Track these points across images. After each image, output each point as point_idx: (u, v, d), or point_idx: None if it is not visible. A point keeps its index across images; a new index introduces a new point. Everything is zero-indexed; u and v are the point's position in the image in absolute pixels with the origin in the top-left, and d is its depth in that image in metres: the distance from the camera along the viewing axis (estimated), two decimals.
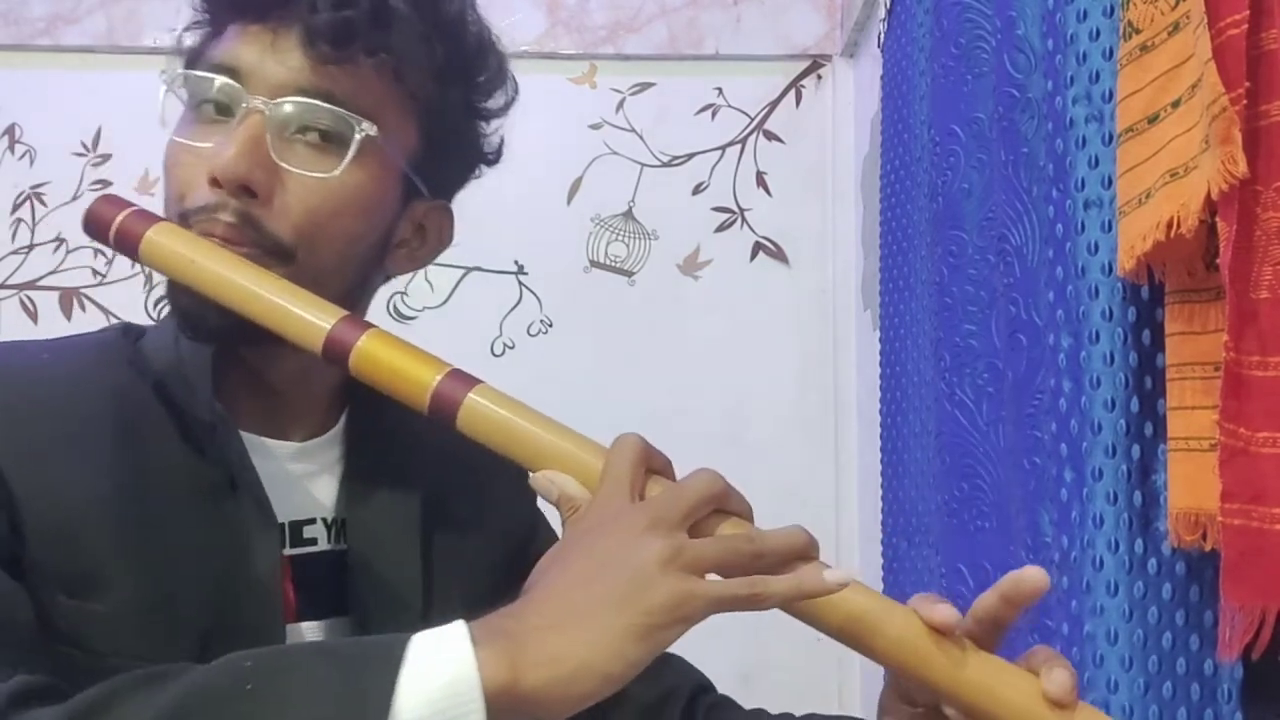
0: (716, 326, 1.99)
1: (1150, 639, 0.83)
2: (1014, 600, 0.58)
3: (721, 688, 0.82)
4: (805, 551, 0.59)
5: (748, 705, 0.81)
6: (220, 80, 0.67)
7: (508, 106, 0.80)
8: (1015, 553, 1.05)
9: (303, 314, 0.64)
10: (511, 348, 1.97)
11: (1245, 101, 0.68)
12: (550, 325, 1.98)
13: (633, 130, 2.00)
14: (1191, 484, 0.77)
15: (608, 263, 2.00)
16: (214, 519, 0.67)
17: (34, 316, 1.94)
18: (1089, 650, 0.85)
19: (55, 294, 1.95)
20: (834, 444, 1.97)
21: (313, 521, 0.73)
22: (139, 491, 0.64)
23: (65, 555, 0.61)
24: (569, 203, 1.99)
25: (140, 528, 0.64)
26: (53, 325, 1.93)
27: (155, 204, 0.71)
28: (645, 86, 2.01)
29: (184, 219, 0.67)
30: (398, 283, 2.01)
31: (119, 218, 0.67)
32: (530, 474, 0.61)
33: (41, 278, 1.95)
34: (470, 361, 0.66)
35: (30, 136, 1.95)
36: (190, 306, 0.66)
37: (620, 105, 2.01)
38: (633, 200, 2.00)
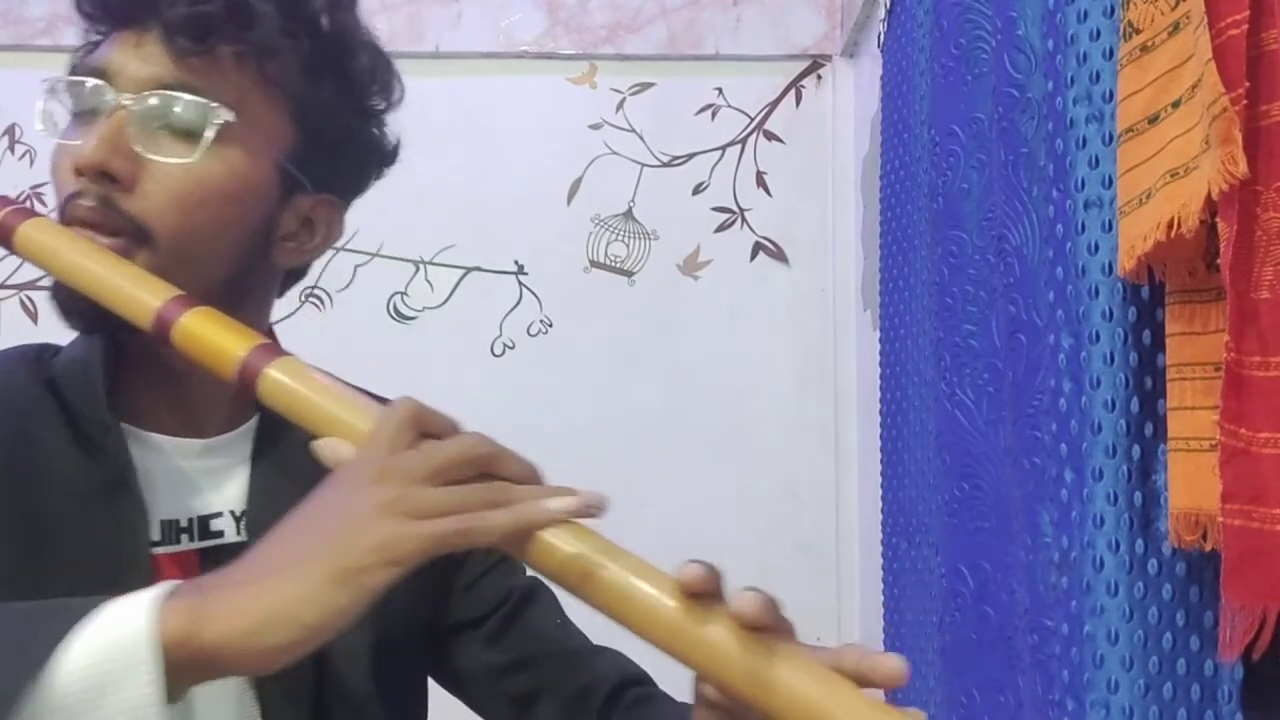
0: (716, 326, 1.98)
1: (1151, 639, 0.83)
2: (862, 678, 0.54)
3: None
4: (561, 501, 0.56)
5: None
6: (90, 82, 0.71)
7: (391, 106, 0.80)
8: (1015, 553, 1.05)
9: (137, 292, 0.66)
10: (511, 348, 1.97)
11: (1245, 101, 0.68)
12: (550, 325, 1.98)
13: (633, 130, 2.00)
14: (1192, 484, 0.77)
15: (608, 263, 2.00)
16: (102, 518, 0.69)
17: (34, 317, 1.94)
18: (1089, 650, 0.85)
19: None
20: (834, 444, 1.97)
21: (220, 515, 0.75)
22: (23, 492, 0.67)
23: None
24: (569, 203, 1.99)
25: (21, 526, 0.66)
26: (53, 325, 1.92)
27: None
28: (645, 86, 2.01)
29: (60, 213, 0.71)
30: (398, 283, 2.03)
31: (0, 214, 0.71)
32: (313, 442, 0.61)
33: (41, 278, 1.93)
34: (470, 361, 0.66)
35: (30, 136, 1.95)
36: (63, 297, 0.71)
37: (620, 105, 2.01)
38: (633, 200, 2.00)
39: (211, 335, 0.65)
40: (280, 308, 0.82)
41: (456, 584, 0.82)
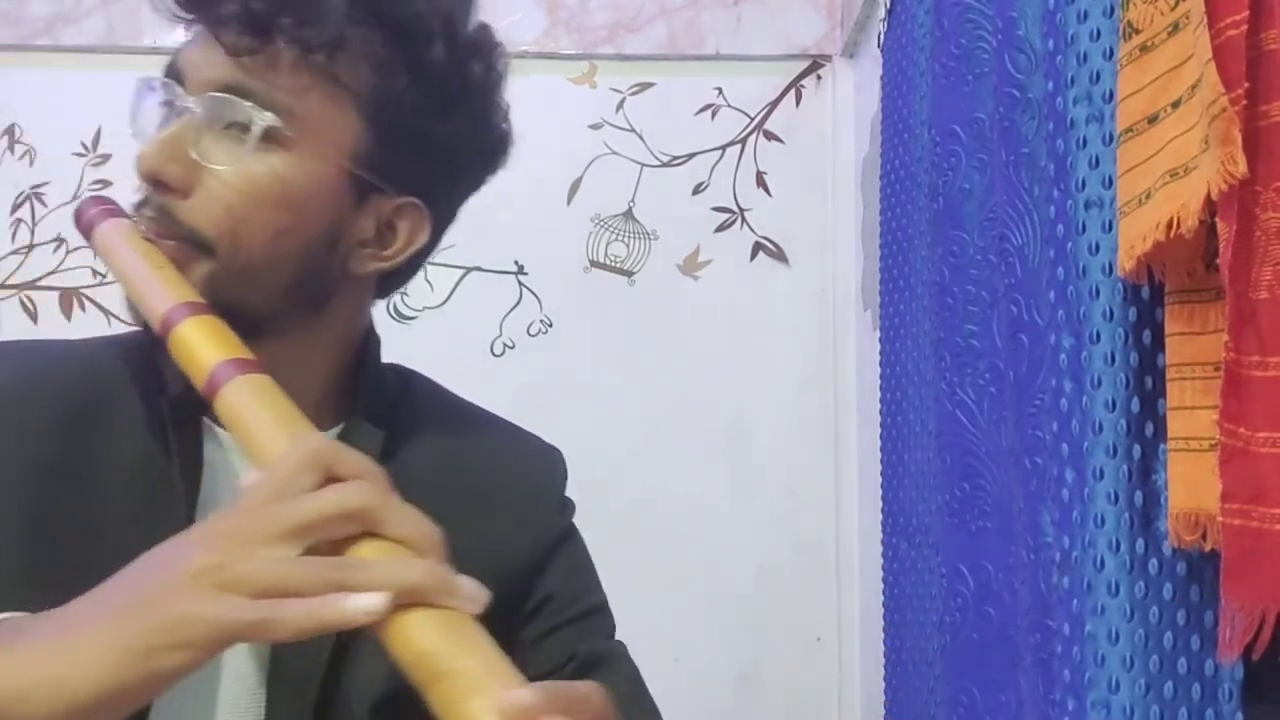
0: (716, 326, 1.99)
1: (1151, 639, 0.83)
2: None
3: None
4: (416, 591, 0.48)
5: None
6: (165, 83, 0.69)
7: (484, 97, 0.76)
8: (1016, 553, 1.05)
9: (156, 294, 0.65)
10: (511, 348, 1.97)
11: (1245, 101, 0.68)
12: (550, 325, 1.98)
13: (633, 130, 2.00)
14: (1191, 484, 0.77)
15: (608, 263, 2.00)
16: (163, 512, 0.67)
17: (34, 317, 1.94)
18: (1090, 650, 0.85)
19: (55, 294, 1.95)
20: (834, 444, 1.97)
21: None
22: (78, 485, 0.66)
23: None
24: (569, 203, 1.99)
25: (67, 521, 0.65)
26: (53, 325, 1.93)
27: None
28: (645, 86, 2.01)
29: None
30: None
31: (91, 212, 0.72)
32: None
33: (41, 278, 1.95)
34: (470, 361, 0.66)
35: (30, 136, 1.95)
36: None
37: (620, 105, 2.01)
38: (633, 200, 2.00)
39: (196, 343, 0.63)
40: None
41: (522, 636, 0.76)
